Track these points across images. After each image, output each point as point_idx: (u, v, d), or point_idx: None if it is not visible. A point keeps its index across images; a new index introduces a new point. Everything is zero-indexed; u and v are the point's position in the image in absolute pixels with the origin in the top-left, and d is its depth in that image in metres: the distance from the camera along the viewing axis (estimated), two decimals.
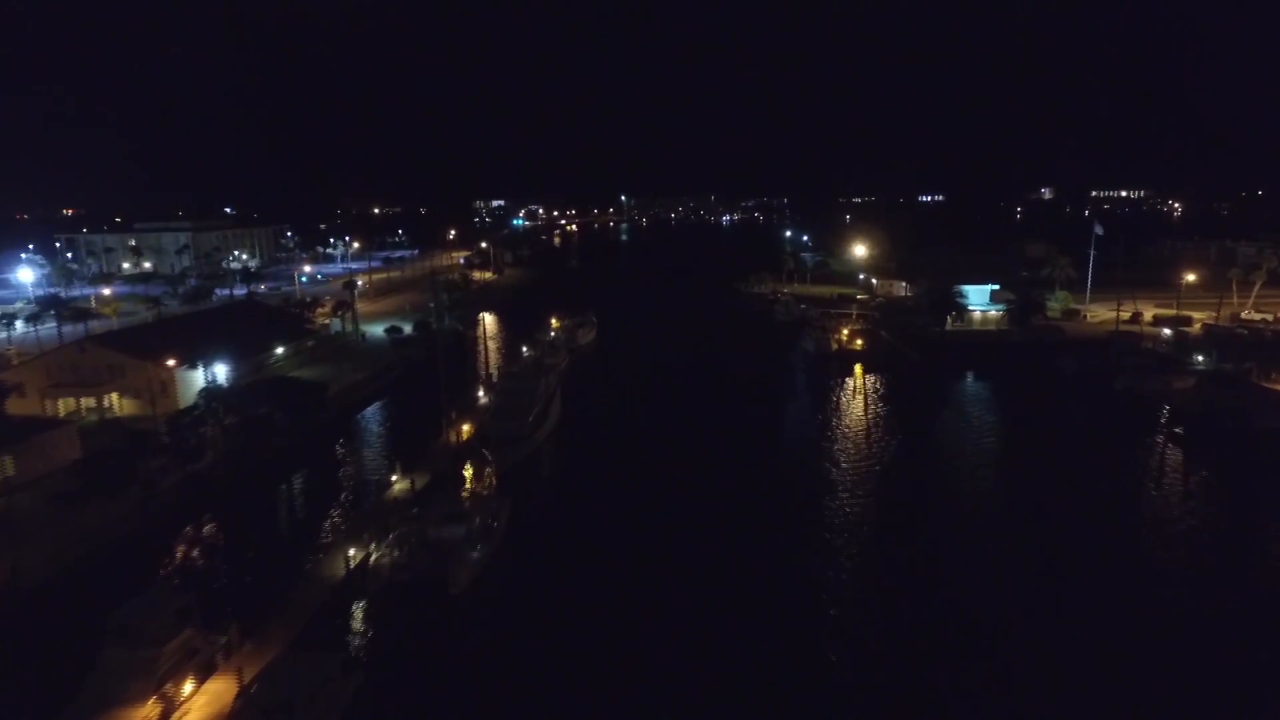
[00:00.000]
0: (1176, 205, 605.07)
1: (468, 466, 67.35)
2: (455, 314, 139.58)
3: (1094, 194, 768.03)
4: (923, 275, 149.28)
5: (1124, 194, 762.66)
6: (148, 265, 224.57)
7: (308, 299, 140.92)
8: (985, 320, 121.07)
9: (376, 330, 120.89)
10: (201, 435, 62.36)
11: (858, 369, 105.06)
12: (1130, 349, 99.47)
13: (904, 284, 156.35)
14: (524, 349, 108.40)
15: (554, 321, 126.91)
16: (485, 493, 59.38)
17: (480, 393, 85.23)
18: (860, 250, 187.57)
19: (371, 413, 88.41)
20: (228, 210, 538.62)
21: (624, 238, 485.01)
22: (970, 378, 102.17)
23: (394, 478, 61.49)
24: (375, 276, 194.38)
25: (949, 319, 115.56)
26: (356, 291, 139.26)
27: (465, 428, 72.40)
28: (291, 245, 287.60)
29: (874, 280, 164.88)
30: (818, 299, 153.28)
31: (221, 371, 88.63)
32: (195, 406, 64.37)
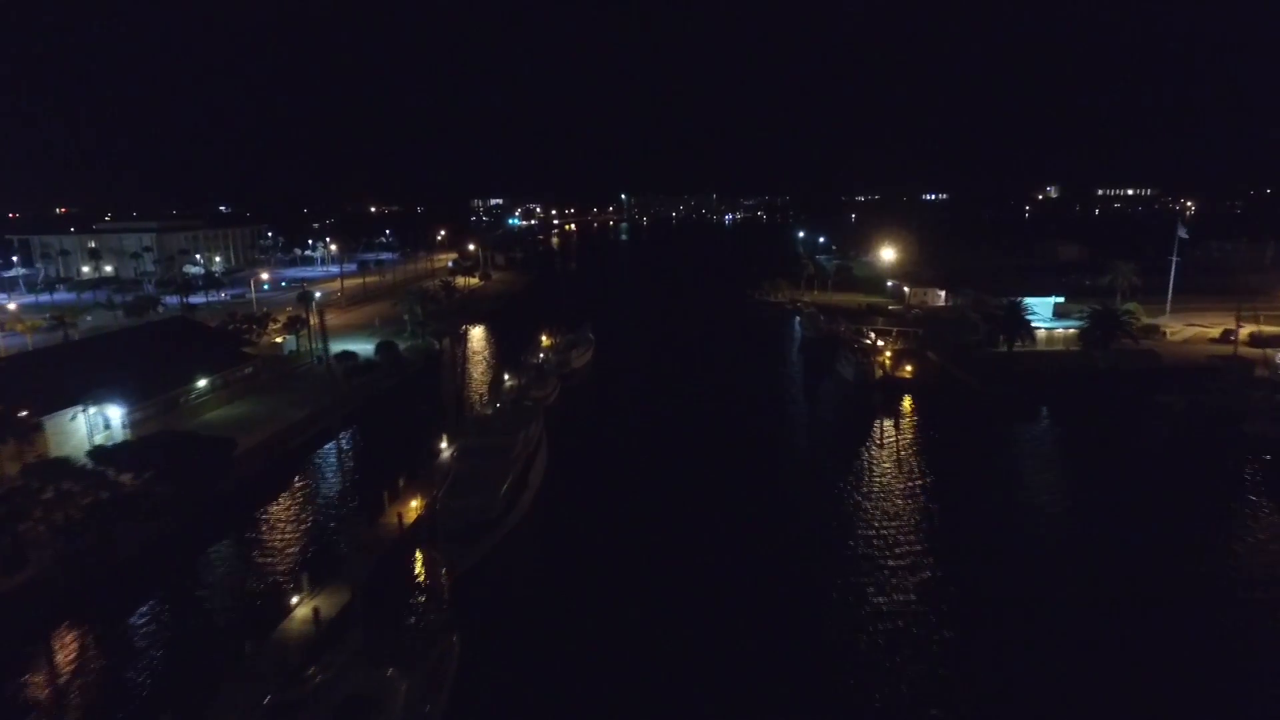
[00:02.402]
0: (1189, 204, 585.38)
1: (417, 565, 48.80)
2: (430, 329, 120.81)
3: (1100, 192, 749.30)
4: (966, 283, 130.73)
5: (1130, 192, 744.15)
6: (109, 269, 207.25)
7: (263, 311, 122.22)
8: (1052, 340, 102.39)
9: (345, 348, 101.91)
10: (20, 535, 43.17)
11: (907, 402, 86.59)
12: (1246, 379, 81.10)
13: (943, 293, 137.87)
14: (505, 377, 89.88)
15: (544, 339, 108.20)
16: (424, 626, 40.47)
17: (443, 445, 65.90)
18: (888, 253, 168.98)
19: (300, 471, 67.94)
20: (222, 209, 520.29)
21: (624, 237, 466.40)
22: (1046, 414, 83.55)
23: (294, 600, 41.92)
24: (349, 283, 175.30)
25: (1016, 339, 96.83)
26: (317, 303, 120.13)
27: (413, 504, 53.55)
28: (270, 247, 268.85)
29: (905, 288, 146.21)
30: (844, 310, 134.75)
31: (116, 415, 70.43)
32: (14, 490, 45.12)
